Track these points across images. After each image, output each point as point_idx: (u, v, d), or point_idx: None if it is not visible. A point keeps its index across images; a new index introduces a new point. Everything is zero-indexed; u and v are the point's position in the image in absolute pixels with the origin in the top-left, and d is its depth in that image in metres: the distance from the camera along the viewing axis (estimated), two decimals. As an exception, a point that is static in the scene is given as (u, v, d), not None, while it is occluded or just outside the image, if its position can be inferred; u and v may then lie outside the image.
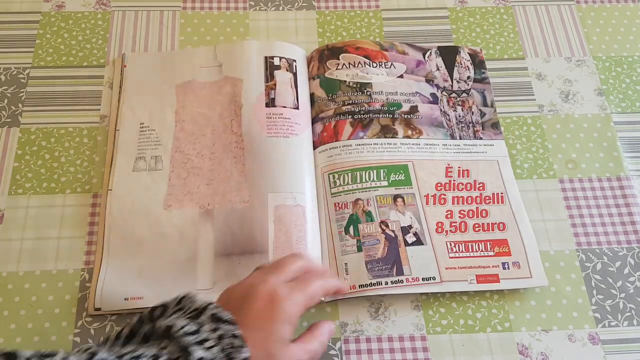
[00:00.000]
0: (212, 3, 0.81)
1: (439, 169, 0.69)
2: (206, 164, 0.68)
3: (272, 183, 0.66)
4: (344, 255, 0.64)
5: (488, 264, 0.64)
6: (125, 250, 0.63)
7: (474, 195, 0.68)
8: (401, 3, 0.82)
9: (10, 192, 0.67)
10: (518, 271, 0.64)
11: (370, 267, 0.63)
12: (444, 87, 0.75)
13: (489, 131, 0.72)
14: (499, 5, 0.83)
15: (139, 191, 0.66)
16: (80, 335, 0.60)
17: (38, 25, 0.78)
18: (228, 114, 0.70)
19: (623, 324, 0.63)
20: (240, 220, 0.65)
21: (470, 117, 0.72)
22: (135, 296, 0.61)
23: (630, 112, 0.76)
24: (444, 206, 0.67)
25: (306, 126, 0.71)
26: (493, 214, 0.67)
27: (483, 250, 0.65)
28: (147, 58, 0.75)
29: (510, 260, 0.64)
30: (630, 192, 0.70)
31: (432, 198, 0.67)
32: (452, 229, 0.66)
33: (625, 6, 0.83)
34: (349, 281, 0.63)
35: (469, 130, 0.72)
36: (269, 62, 0.73)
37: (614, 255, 0.67)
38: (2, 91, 0.73)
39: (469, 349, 0.61)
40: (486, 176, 0.69)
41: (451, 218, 0.66)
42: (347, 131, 0.70)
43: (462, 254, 0.64)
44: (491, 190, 0.68)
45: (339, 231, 0.65)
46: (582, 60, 0.79)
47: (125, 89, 0.72)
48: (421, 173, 0.68)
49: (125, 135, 0.69)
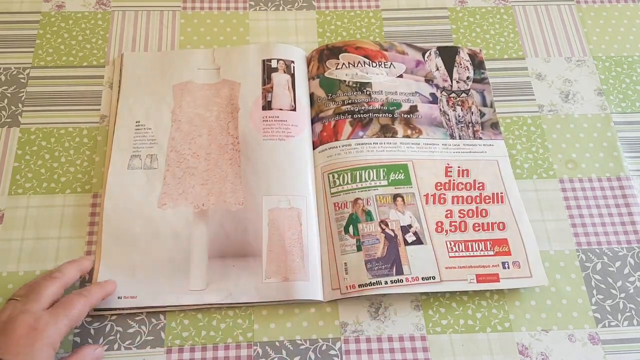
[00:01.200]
0: (212, 3, 0.81)
1: (439, 168, 0.69)
2: (202, 164, 0.68)
3: (267, 186, 0.67)
4: (344, 255, 0.64)
5: (488, 263, 0.64)
6: (119, 249, 0.64)
7: (474, 195, 0.68)
8: (401, 3, 0.82)
9: (10, 192, 0.67)
10: (518, 271, 0.64)
11: (370, 267, 0.63)
12: (443, 87, 0.75)
13: (489, 131, 0.72)
14: (499, 5, 0.83)
15: (133, 189, 0.66)
16: (80, 335, 0.61)
17: (38, 25, 0.78)
18: (225, 116, 0.70)
19: (623, 324, 0.63)
20: (235, 222, 0.65)
21: (470, 117, 0.73)
22: (129, 295, 0.61)
23: (630, 112, 0.76)
24: (444, 205, 0.67)
25: (304, 127, 0.71)
26: (493, 214, 0.67)
27: (483, 250, 0.65)
28: (145, 57, 0.75)
29: (510, 260, 0.64)
30: (630, 192, 0.70)
31: (431, 197, 0.67)
32: (452, 228, 0.66)
33: (625, 6, 0.83)
34: (348, 281, 0.63)
35: (468, 130, 0.72)
36: (266, 65, 0.73)
37: (614, 255, 0.67)
38: (2, 91, 0.73)
39: (469, 349, 0.61)
40: (486, 176, 0.69)
41: (451, 217, 0.66)
42: (347, 131, 0.70)
43: (462, 253, 0.64)
44: (491, 189, 0.68)
45: (338, 231, 0.65)
46: (582, 60, 0.79)
47: (123, 87, 0.72)
48: (421, 172, 0.68)
49: (121, 133, 0.70)
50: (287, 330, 0.62)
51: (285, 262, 0.63)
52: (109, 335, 0.61)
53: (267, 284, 0.63)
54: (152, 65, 0.74)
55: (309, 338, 0.62)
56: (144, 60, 0.75)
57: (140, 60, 0.75)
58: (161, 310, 0.62)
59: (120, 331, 0.61)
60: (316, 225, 0.66)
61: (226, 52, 0.75)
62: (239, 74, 0.73)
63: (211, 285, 0.63)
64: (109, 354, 0.60)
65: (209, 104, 0.71)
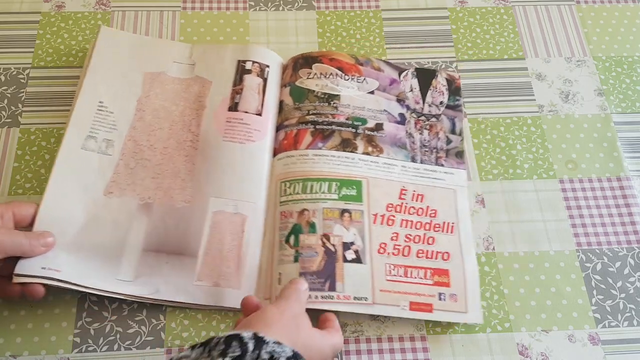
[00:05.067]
0: (212, 3, 0.81)
1: (394, 189, 0.67)
2: (156, 157, 0.67)
3: (217, 187, 0.66)
4: (280, 265, 0.63)
5: (424, 292, 0.62)
6: (56, 223, 0.62)
7: (424, 222, 0.66)
8: (401, 3, 0.82)
9: (10, 192, 0.67)
10: (454, 304, 0.62)
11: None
12: (414, 108, 0.73)
13: (452, 159, 0.70)
14: (499, 5, 0.83)
15: (82, 171, 0.66)
16: (80, 336, 0.61)
17: (38, 25, 0.77)
18: (190, 113, 0.70)
19: (623, 324, 0.63)
20: (178, 220, 0.65)
21: (436, 143, 0.71)
22: (53, 267, 0.59)
23: (630, 112, 0.76)
24: (391, 227, 0.65)
25: (267, 133, 0.69)
26: (440, 243, 0.65)
27: (422, 278, 0.63)
28: (123, 37, 0.74)
29: (448, 292, 0.62)
30: (630, 192, 0.70)
31: (380, 218, 0.65)
32: (395, 251, 0.64)
33: (625, 6, 0.83)
34: (279, 291, 0.58)
35: (431, 156, 0.70)
36: (240, 66, 0.72)
37: (614, 256, 0.67)
38: (2, 91, 0.73)
39: (469, 349, 0.61)
40: (440, 204, 0.67)
41: (396, 240, 0.64)
42: (307, 141, 0.69)
43: (400, 278, 0.63)
44: (443, 218, 0.66)
45: (280, 240, 0.64)
46: (582, 61, 0.79)
47: (92, 63, 0.71)
48: (374, 191, 0.66)
49: (81, 110, 0.68)
50: (287, 330, 0.62)
51: (220, 267, 0.63)
52: (109, 336, 0.61)
53: (197, 286, 0.62)
54: (128, 46, 0.73)
55: (309, 338, 0.62)
56: (121, 40, 0.74)
57: (118, 38, 0.74)
58: (85, 291, 0.60)
59: (120, 331, 0.61)
60: (260, 233, 0.65)
61: (204, 49, 0.74)
62: (213, 72, 0.73)
63: (140, 278, 0.62)
64: (109, 354, 0.60)
65: (176, 98, 0.71)
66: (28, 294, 0.59)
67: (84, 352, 0.60)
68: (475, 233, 0.67)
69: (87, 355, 0.60)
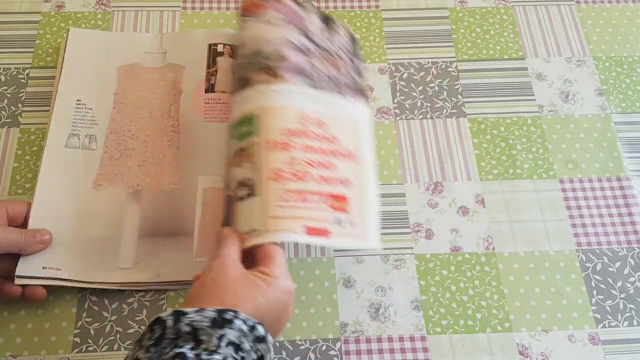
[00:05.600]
0: (212, 3, 0.81)
1: (293, 116, 0.62)
2: (140, 146, 0.68)
3: (204, 166, 0.67)
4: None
5: (322, 217, 0.58)
6: (49, 222, 0.63)
7: (325, 147, 0.62)
8: (401, 3, 0.82)
9: (10, 192, 0.67)
10: (352, 230, 0.59)
11: None
12: (319, 43, 0.68)
13: (358, 95, 0.68)
14: (499, 5, 0.83)
15: (69, 168, 0.66)
16: (80, 336, 0.61)
17: (38, 25, 0.77)
18: (168, 99, 0.71)
19: (623, 324, 0.63)
20: (169, 202, 0.66)
21: (341, 78, 0.68)
22: (54, 266, 0.61)
23: (630, 112, 0.76)
24: (289, 152, 0.59)
25: None
26: (340, 169, 0.61)
27: (319, 203, 0.59)
28: (92, 35, 0.75)
29: (347, 218, 0.59)
30: (630, 192, 0.70)
31: (273, 144, 0.60)
32: (292, 177, 0.59)
33: (625, 6, 0.83)
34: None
35: (336, 87, 0.67)
36: (212, 49, 0.74)
37: (614, 256, 0.67)
38: (2, 91, 0.73)
39: (469, 349, 0.61)
40: (344, 133, 0.64)
41: (292, 165, 0.59)
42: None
43: (295, 203, 0.57)
44: (346, 147, 0.63)
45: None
46: (582, 61, 0.79)
47: (66, 64, 0.72)
48: (270, 120, 0.61)
49: (61, 111, 0.69)
50: (286, 330, 0.62)
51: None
52: (109, 336, 0.61)
53: (197, 262, 0.63)
54: (99, 43, 0.74)
55: (309, 338, 0.62)
56: (91, 38, 0.75)
57: (87, 37, 0.75)
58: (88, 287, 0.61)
59: (120, 331, 0.61)
60: None
61: (173, 37, 0.76)
62: (185, 57, 0.73)
63: (140, 264, 0.63)
64: (109, 354, 0.60)
65: (153, 86, 0.72)
66: (29, 297, 0.59)
67: (84, 352, 0.60)
68: (475, 233, 0.67)
69: (87, 355, 0.60)
